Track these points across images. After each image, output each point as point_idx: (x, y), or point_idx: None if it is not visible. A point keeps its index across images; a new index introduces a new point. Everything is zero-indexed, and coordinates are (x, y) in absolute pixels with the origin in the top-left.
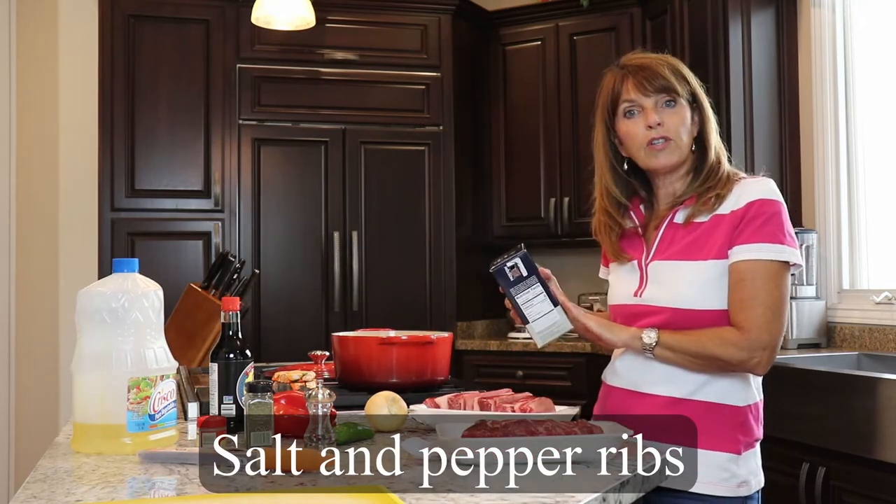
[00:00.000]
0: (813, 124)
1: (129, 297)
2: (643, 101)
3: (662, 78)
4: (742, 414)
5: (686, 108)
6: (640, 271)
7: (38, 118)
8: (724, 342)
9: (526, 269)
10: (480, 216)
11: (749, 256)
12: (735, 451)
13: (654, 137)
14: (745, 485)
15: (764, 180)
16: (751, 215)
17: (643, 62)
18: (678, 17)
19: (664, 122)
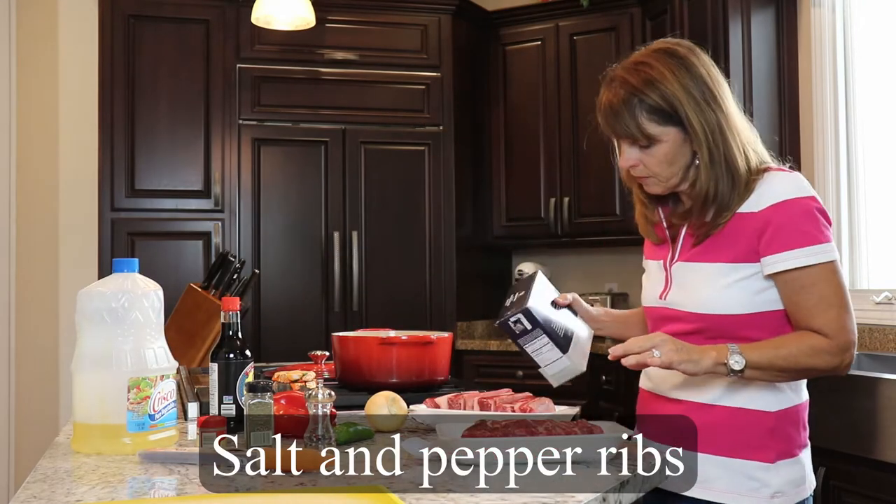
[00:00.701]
0: (813, 124)
1: (129, 297)
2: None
3: (625, 126)
4: (772, 419)
5: (669, 143)
6: (665, 272)
7: (38, 118)
8: (814, 351)
9: (529, 324)
10: (480, 216)
11: (800, 263)
12: (766, 459)
13: (636, 177)
14: (781, 496)
15: (791, 176)
16: (780, 221)
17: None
18: (678, 17)
19: (640, 162)
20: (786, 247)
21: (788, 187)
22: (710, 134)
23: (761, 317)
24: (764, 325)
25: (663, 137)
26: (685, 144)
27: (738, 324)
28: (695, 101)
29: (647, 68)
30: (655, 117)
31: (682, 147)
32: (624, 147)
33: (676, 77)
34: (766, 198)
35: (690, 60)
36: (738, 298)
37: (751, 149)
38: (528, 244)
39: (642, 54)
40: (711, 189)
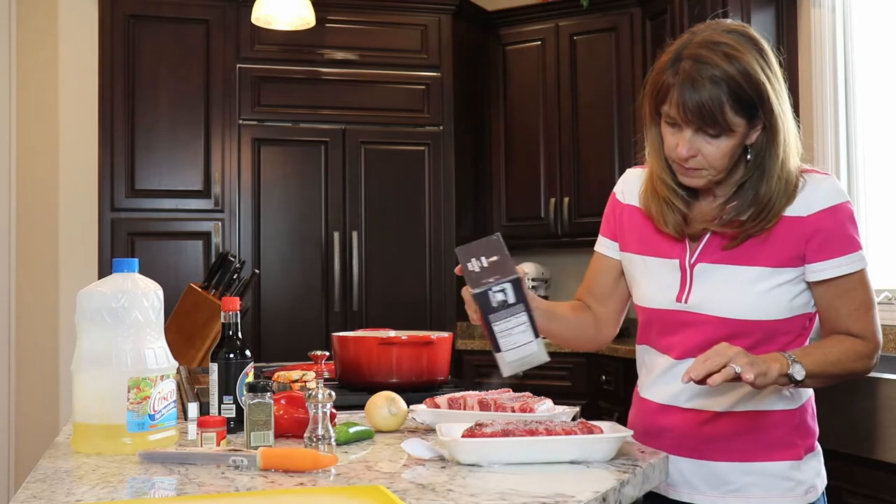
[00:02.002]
0: (813, 124)
1: (129, 297)
2: (682, 123)
3: (708, 111)
4: (796, 416)
5: (738, 135)
6: (682, 273)
7: (38, 118)
8: (858, 356)
9: (514, 297)
10: (480, 216)
11: (838, 273)
12: (796, 456)
13: (688, 167)
14: (813, 490)
15: (830, 180)
16: (830, 227)
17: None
18: (678, 17)
19: (700, 152)
20: (836, 253)
21: (834, 192)
22: (786, 135)
23: (790, 322)
24: (791, 329)
25: (737, 128)
26: (744, 141)
27: (770, 329)
28: (777, 96)
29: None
30: (738, 107)
31: (742, 143)
32: (686, 134)
33: (762, 69)
34: (816, 203)
35: (770, 54)
36: (777, 304)
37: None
38: (528, 244)
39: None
40: (775, 192)
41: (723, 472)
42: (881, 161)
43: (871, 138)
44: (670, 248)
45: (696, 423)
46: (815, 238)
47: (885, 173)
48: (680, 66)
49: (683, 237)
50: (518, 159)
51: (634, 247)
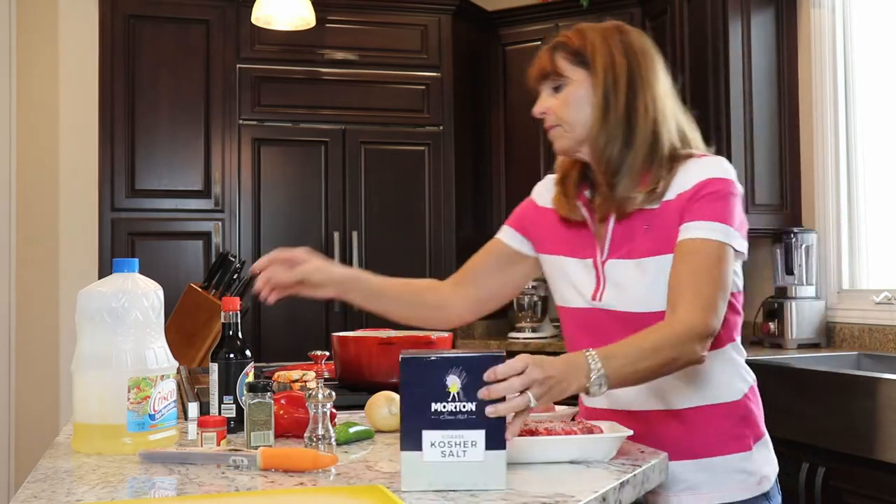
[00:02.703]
0: (813, 124)
1: (129, 297)
2: (539, 87)
3: (542, 64)
4: (741, 406)
5: (577, 85)
6: (595, 271)
7: (38, 118)
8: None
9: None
10: (480, 216)
11: (697, 234)
12: (745, 447)
13: (545, 126)
14: (766, 479)
15: (716, 158)
16: (702, 193)
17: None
18: (678, 17)
19: (549, 108)
20: (695, 217)
21: (715, 167)
22: (612, 81)
23: None
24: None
25: (571, 76)
26: (589, 93)
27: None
28: (609, 51)
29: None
30: (568, 56)
31: (590, 96)
32: (541, 96)
33: (603, 34)
34: (692, 178)
35: (630, 33)
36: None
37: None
38: None
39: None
40: (601, 143)
41: (675, 472)
42: (881, 161)
43: (871, 138)
44: (584, 248)
45: (643, 426)
46: (689, 203)
47: (885, 174)
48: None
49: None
50: (518, 159)
51: (553, 248)
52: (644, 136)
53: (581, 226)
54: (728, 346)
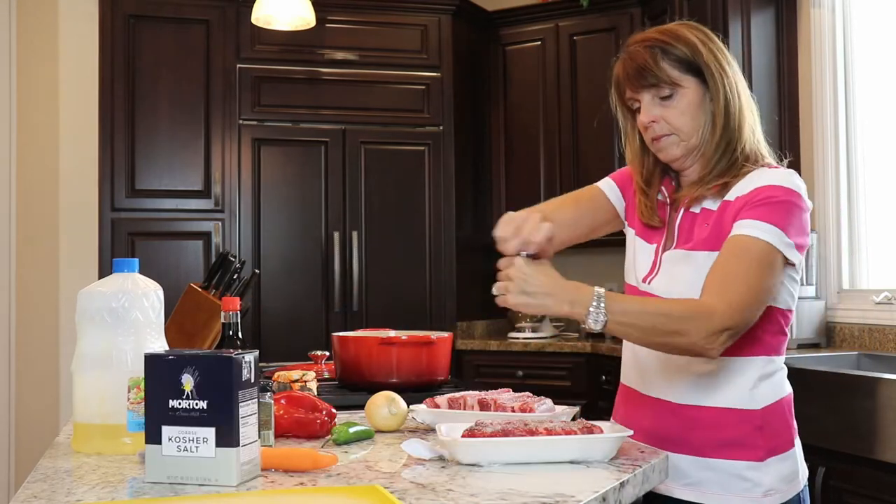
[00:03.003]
0: (813, 124)
1: (130, 297)
2: (639, 96)
3: (650, 72)
4: (759, 417)
5: (690, 93)
6: (654, 257)
7: (38, 118)
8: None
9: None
10: (480, 216)
11: (747, 232)
12: (755, 457)
13: (653, 136)
14: (774, 493)
15: (787, 171)
16: (760, 198)
17: (634, 53)
18: (678, 17)
19: (660, 117)
20: (748, 216)
21: (780, 177)
22: (728, 89)
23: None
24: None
25: (685, 83)
26: (706, 100)
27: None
28: (715, 58)
29: (666, 27)
30: (677, 63)
31: (703, 103)
32: (644, 106)
33: (696, 35)
34: (754, 184)
35: (710, 33)
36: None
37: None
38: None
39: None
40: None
41: (679, 464)
42: (881, 161)
43: (871, 138)
44: (654, 234)
45: (655, 414)
46: (746, 204)
47: (885, 174)
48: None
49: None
50: (518, 159)
51: (634, 223)
52: (744, 142)
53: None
54: (761, 358)
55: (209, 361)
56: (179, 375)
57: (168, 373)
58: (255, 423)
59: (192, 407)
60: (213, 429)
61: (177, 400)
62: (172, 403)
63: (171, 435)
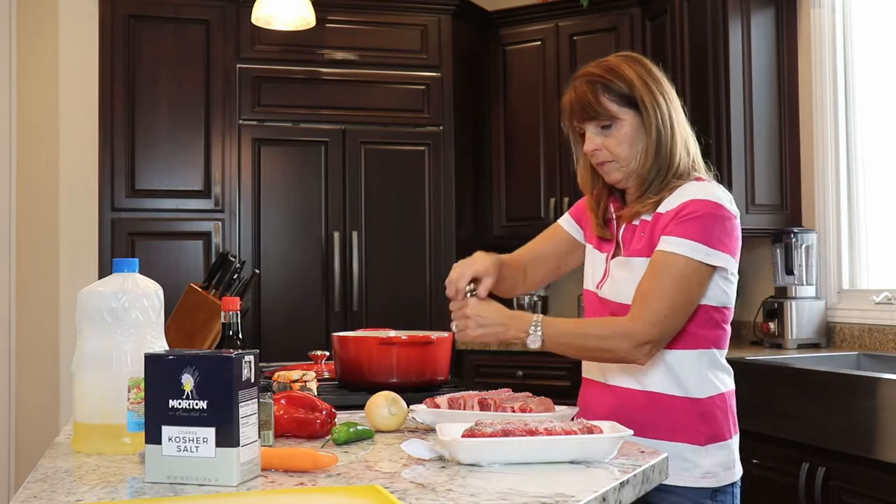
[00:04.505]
0: (813, 124)
1: (130, 297)
2: (583, 126)
3: (591, 108)
4: (702, 405)
5: (627, 124)
6: (605, 265)
7: (38, 119)
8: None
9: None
10: (480, 216)
11: (668, 248)
12: (696, 441)
13: (597, 162)
14: (711, 476)
15: (708, 184)
16: (684, 214)
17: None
18: (678, 17)
19: (602, 145)
20: (670, 232)
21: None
22: (660, 121)
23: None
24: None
25: (623, 116)
26: (641, 130)
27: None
28: (649, 90)
29: (607, 63)
30: (616, 98)
31: (640, 132)
32: (588, 135)
33: (634, 70)
34: (687, 194)
35: (649, 64)
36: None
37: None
38: None
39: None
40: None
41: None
42: (881, 161)
43: (871, 138)
44: (606, 242)
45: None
46: (672, 220)
47: (885, 174)
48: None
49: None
50: (518, 159)
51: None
52: (677, 164)
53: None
54: (700, 352)
55: (209, 361)
56: (179, 375)
57: (168, 373)
58: (255, 423)
59: (192, 407)
60: (213, 429)
61: (177, 400)
62: (172, 403)
63: (171, 435)
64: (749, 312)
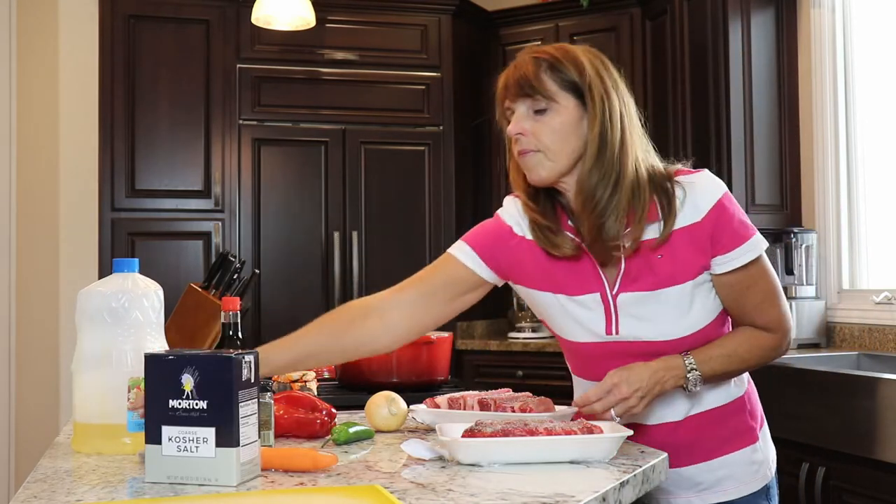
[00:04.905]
0: (813, 124)
1: (130, 297)
2: (514, 105)
3: (527, 82)
4: (744, 401)
5: (566, 112)
6: (605, 305)
7: (38, 119)
8: (763, 350)
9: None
10: (480, 216)
11: (741, 262)
12: (754, 439)
13: (520, 150)
14: (771, 463)
15: (703, 176)
16: (720, 223)
17: (520, 62)
18: (678, 17)
19: (530, 130)
20: (735, 244)
21: (713, 187)
22: (607, 117)
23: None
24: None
25: (562, 101)
26: (580, 125)
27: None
28: (601, 81)
29: (563, 46)
30: (559, 80)
31: (578, 127)
32: (516, 115)
33: (589, 59)
34: (703, 204)
35: (610, 64)
36: (703, 314)
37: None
38: None
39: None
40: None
41: (692, 475)
42: (881, 161)
43: (871, 138)
44: (583, 282)
45: (658, 437)
46: (713, 234)
47: (885, 174)
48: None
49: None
50: None
51: (542, 284)
52: (630, 176)
53: (572, 258)
54: None
55: (209, 361)
56: (179, 375)
57: (168, 373)
58: (255, 423)
59: (192, 407)
60: (213, 429)
61: (177, 400)
62: (172, 403)
63: (171, 435)
64: None
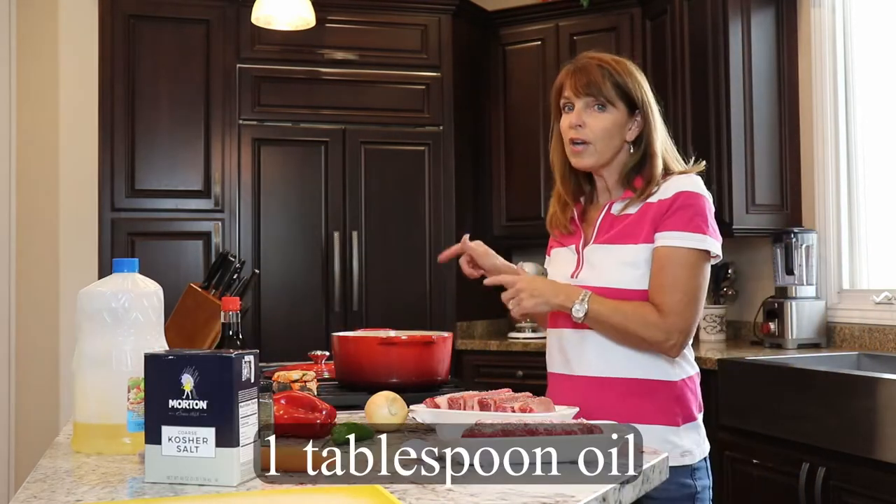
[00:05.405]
0: (813, 124)
1: (130, 297)
2: (574, 99)
3: (594, 83)
4: (677, 388)
5: (618, 114)
6: (577, 255)
7: (39, 118)
8: (646, 323)
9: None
10: (480, 216)
11: (671, 243)
12: (673, 423)
13: (573, 138)
14: (689, 454)
15: (692, 176)
16: (677, 205)
17: (585, 64)
18: (678, 17)
19: (587, 124)
20: (671, 227)
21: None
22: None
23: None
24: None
25: (617, 105)
26: (624, 128)
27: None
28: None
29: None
30: (618, 90)
31: (623, 128)
32: (577, 109)
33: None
34: (673, 188)
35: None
36: (644, 279)
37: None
38: (528, 244)
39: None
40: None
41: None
42: (881, 161)
43: (871, 138)
44: (568, 239)
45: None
46: (668, 211)
47: (884, 173)
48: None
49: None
50: (518, 159)
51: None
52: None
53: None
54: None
55: (209, 361)
56: (179, 375)
57: (168, 373)
58: (255, 423)
59: (191, 407)
60: (213, 429)
61: (177, 400)
62: (172, 403)
63: (171, 435)
64: (749, 312)
